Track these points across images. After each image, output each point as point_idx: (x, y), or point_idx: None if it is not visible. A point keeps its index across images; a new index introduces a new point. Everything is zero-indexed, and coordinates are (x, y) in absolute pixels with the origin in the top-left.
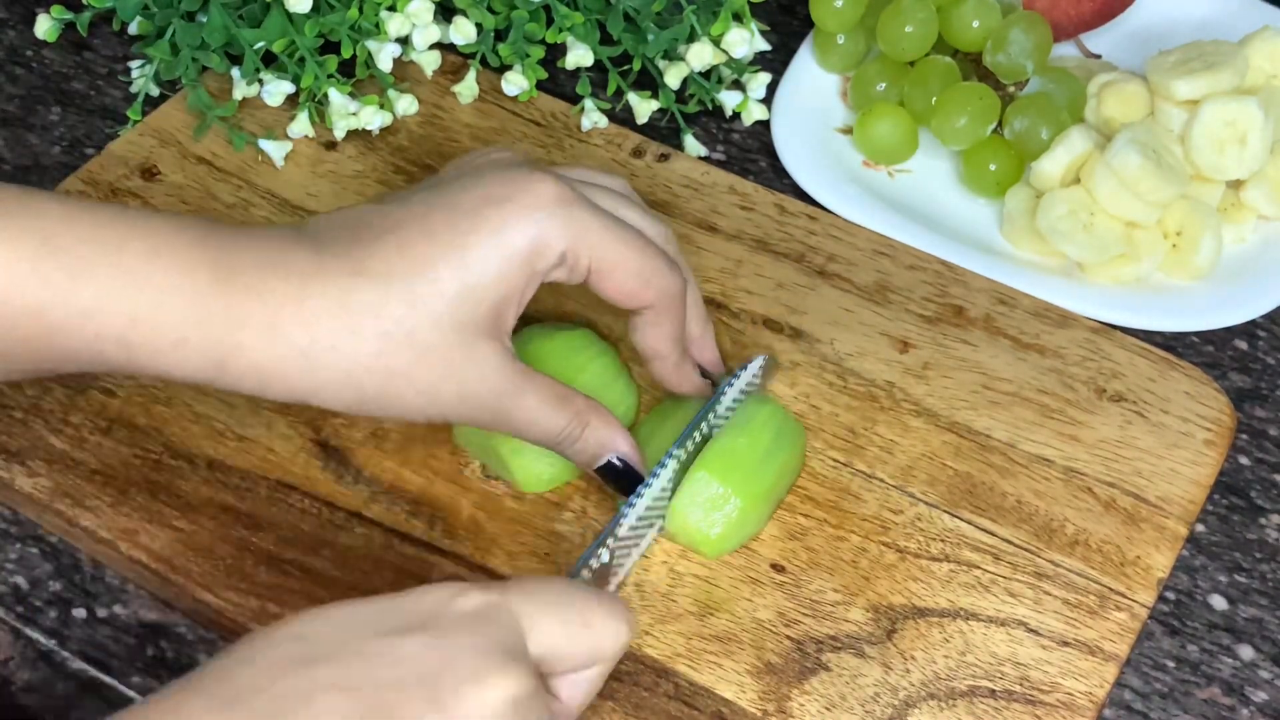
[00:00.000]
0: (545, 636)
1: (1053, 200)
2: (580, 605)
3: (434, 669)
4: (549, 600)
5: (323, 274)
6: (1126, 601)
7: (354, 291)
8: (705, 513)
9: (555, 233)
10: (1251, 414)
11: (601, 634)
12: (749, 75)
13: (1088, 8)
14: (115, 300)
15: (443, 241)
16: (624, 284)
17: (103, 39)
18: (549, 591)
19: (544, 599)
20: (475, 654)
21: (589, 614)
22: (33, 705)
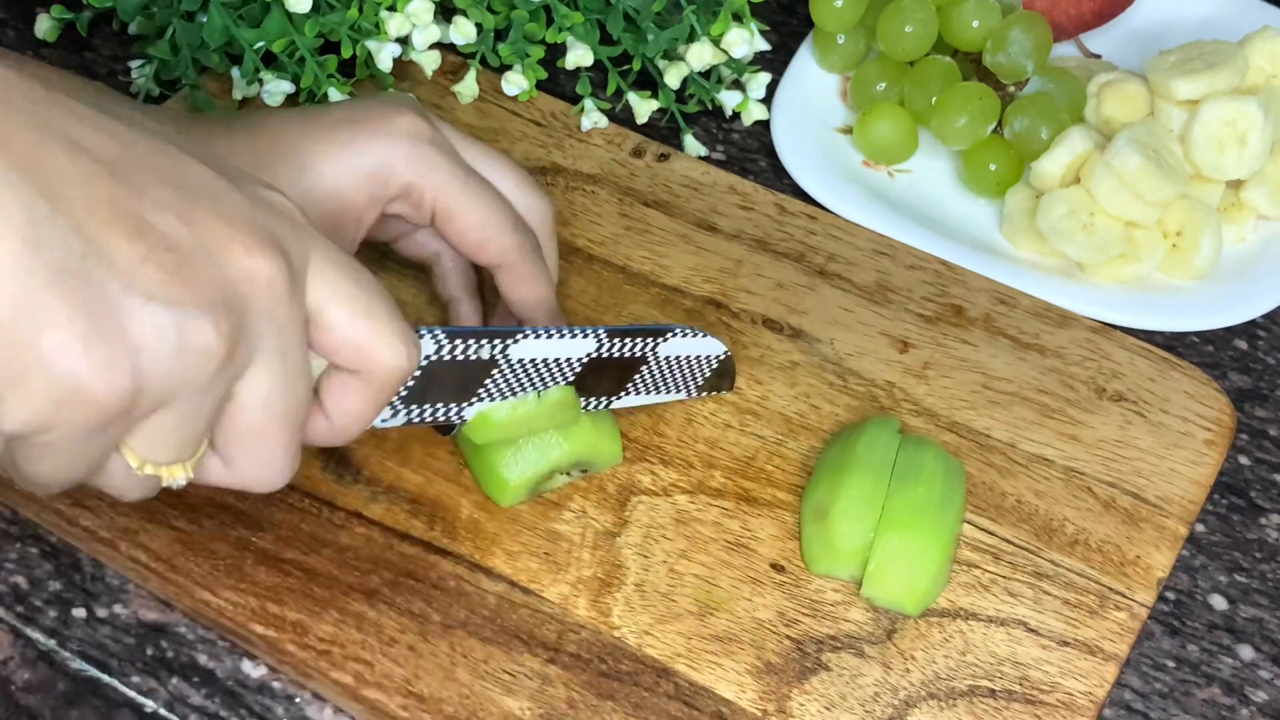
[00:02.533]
0: (324, 289)
1: (1053, 200)
2: (377, 297)
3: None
4: (348, 270)
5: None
6: (1126, 601)
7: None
8: (905, 573)
9: (401, 162)
10: (1251, 414)
11: (377, 335)
12: (749, 75)
13: (1088, 8)
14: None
15: (290, 145)
16: (467, 233)
17: (103, 39)
18: (354, 267)
19: (347, 267)
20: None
21: (379, 309)
22: (33, 705)
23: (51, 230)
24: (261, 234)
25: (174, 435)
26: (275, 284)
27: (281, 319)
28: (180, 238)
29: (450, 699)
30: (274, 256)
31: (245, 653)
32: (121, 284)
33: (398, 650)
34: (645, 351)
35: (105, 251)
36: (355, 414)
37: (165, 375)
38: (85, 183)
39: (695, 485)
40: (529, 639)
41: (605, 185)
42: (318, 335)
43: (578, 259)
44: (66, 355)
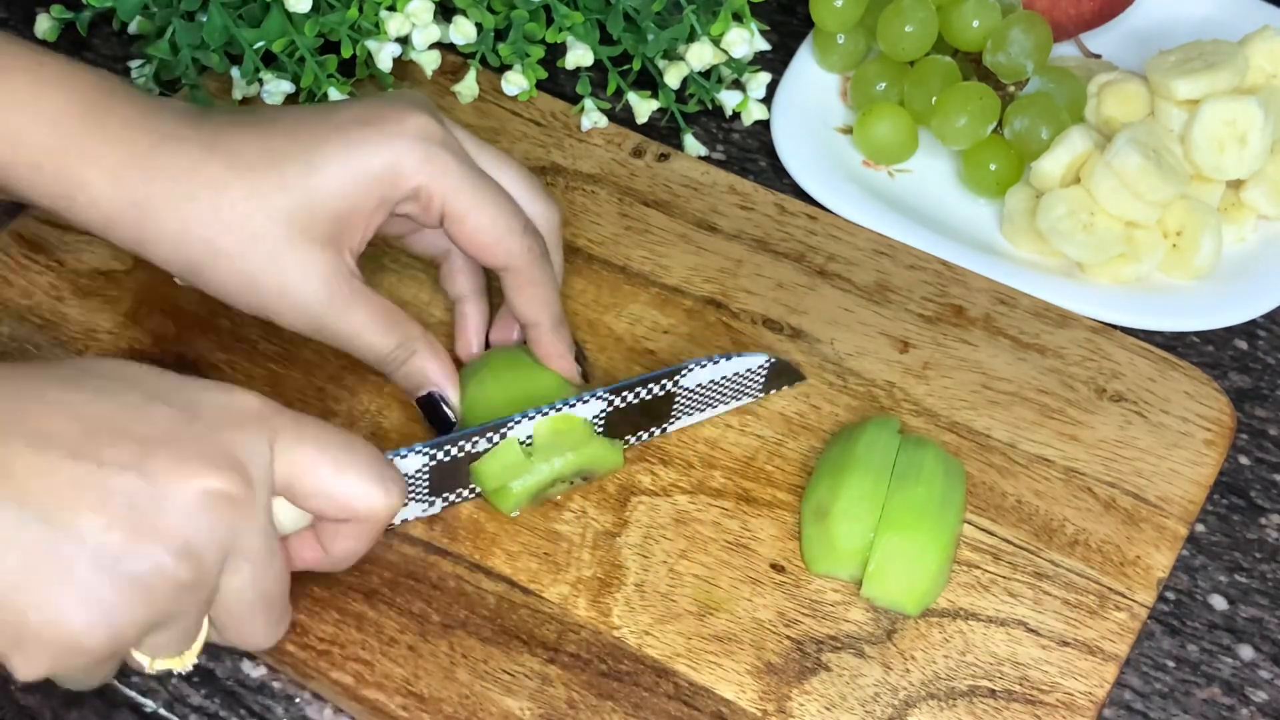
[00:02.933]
0: (294, 464)
1: (1053, 200)
2: (345, 453)
3: (159, 438)
4: (315, 434)
5: (181, 141)
6: (1126, 601)
7: (203, 164)
8: (905, 573)
9: (411, 164)
10: (1251, 414)
11: (354, 487)
12: (749, 75)
13: (1088, 8)
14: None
15: (301, 144)
16: (476, 235)
17: (103, 39)
18: (321, 428)
19: (312, 432)
20: (203, 445)
21: (349, 464)
22: (33, 705)
23: (22, 527)
24: (216, 460)
25: (172, 643)
26: (234, 500)
27: (244, 527)
28: (138, 493)
29: (450, 699)
30: (225, 476)
31: (245, 653)
32: (91, 554)
33: (398, 650)
34: (667, 389)
35: (72, 529)
36: (352, 551)
37: (143, 615)
38: (49, 472)
39: (695, 485)
40: (529, 639)
41: (605, 185)
42: (301, 502)
43: (578, 259)
44: (55, 625)
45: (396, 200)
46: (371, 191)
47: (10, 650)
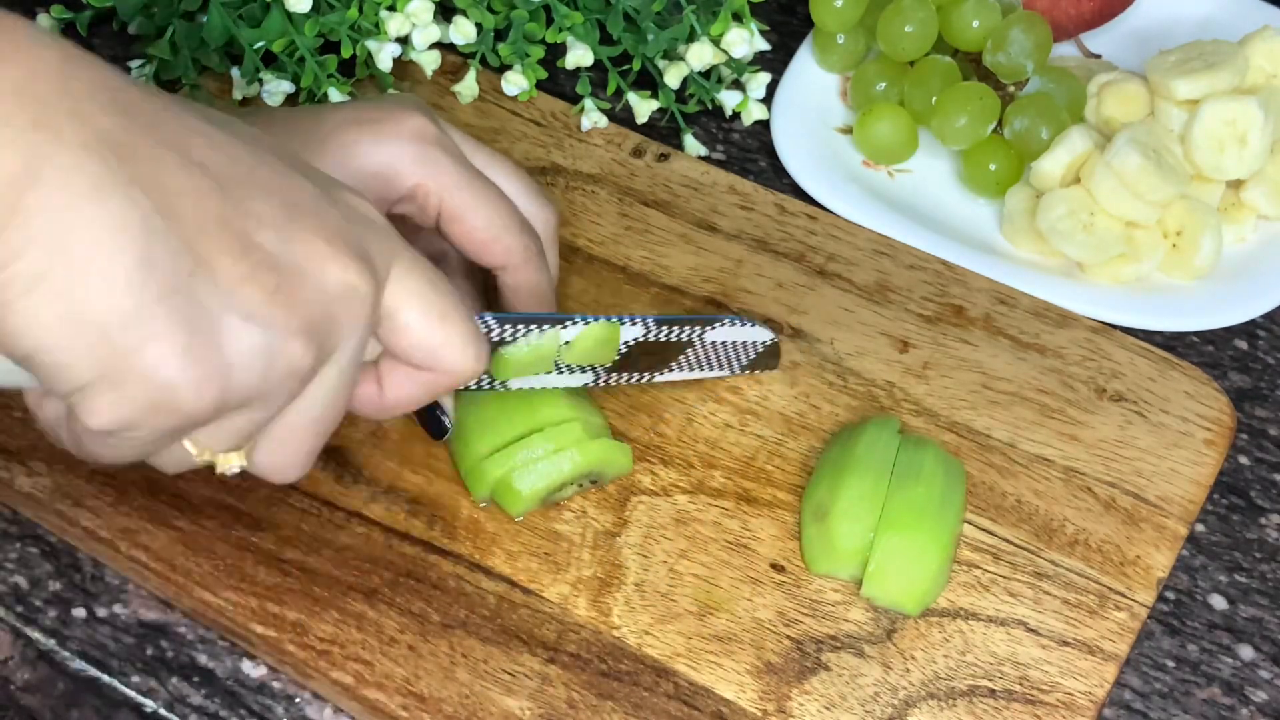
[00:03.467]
0: (404, 294)
1: (1053, 200)
2: (452, 302)
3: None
4: (430, 276)
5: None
6: (1126, 601)
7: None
8: (905, 573)
9: (408, 164)
10: (1251, 414)
11: (448, 340)
12: (749, 75)
13: (1088, 8)
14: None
15: (296, 147)
16: (472, 234)
17: (103, 39)
18: (436, 274)
19: (426, 269)
20: (343, 232)
21: (453, 315)
22: (33, 705)
23: (165, 246)
24: (354, 249)
25: (241, 431)
26: (363, 299)
27: (353, 333)
28: (281, 256)
29: (450, 699)
30: (364, 271)
31: (245, 653)
32: (223, 302)
33: (398, 650)
34: (692, 337)
35: (211, 269)
36: (410, 400)
37: (251, 388)
38: (198, 200)
39: (695, 485)
40: (529, 639)
41: (605, 185)
42: (392, 336)
43: (578, 259)
44: (166, 366)
45: (394, 200)
46: (368, 191)
47: (100, 385)
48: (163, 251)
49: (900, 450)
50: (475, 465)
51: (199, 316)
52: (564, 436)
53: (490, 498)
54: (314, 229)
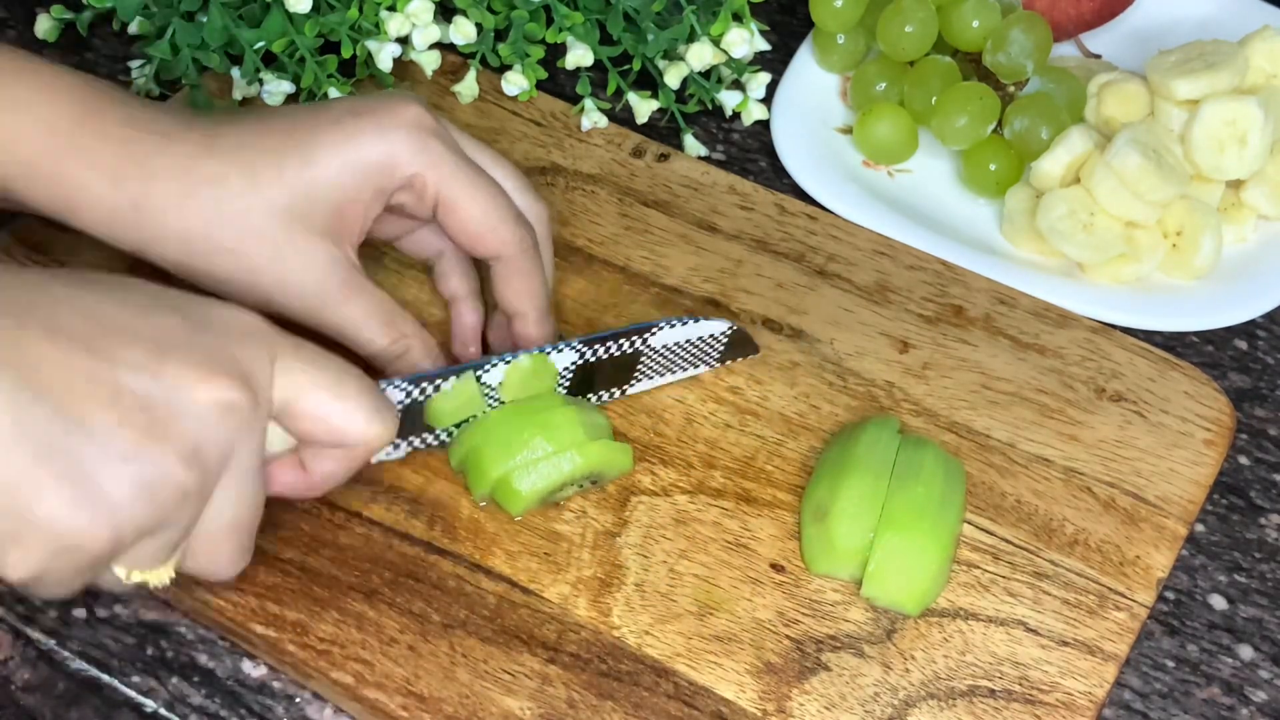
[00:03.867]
0: (293, 385)
1: (1053, 200)
2: (343, 379)
3: (173, 343)
4: (314, 357)
5: (178, 140)
6: (1126, 601)
7: (200, 160)
8: (905, 573)
9: (406, 153)
10: (1251, 414)
11: (350, 415)
12: (749, 75)
13: (1088, 8)
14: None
15: (298, 139)
16: (469, 224)
17: (103, 39)
18: (319, 353)
19: (310, 355)
20: (214, 354)
21: (347, 390)
22: (33, 705)
23: (35, 415)
24: (225, 368)
25: (159, 552)
26: (239, 412)
27: (244, 442)
28: (151, 394)
29: (450, 699)
30: (238, 386)
31: (245, 653)
32: (101, 450)
33: (398, 650)
34: (636, 347)
35: (84, 424)
36: (334, 477)
37: (147, 518)
38: (63, 364)
39: (695, 485)
40: (529, 639)
41: (605, 185)
42: (294, 424)
43: (578, 259)
44: (56, 520)
45: (392, 190)
46: (368, 181)
47: (6, 544)
48: (34, 419)
49: (900, 450)
50: (476, 465)
51: (78, 468)
52: (565, 437)
53: (490, 497)
54: (181, 360)
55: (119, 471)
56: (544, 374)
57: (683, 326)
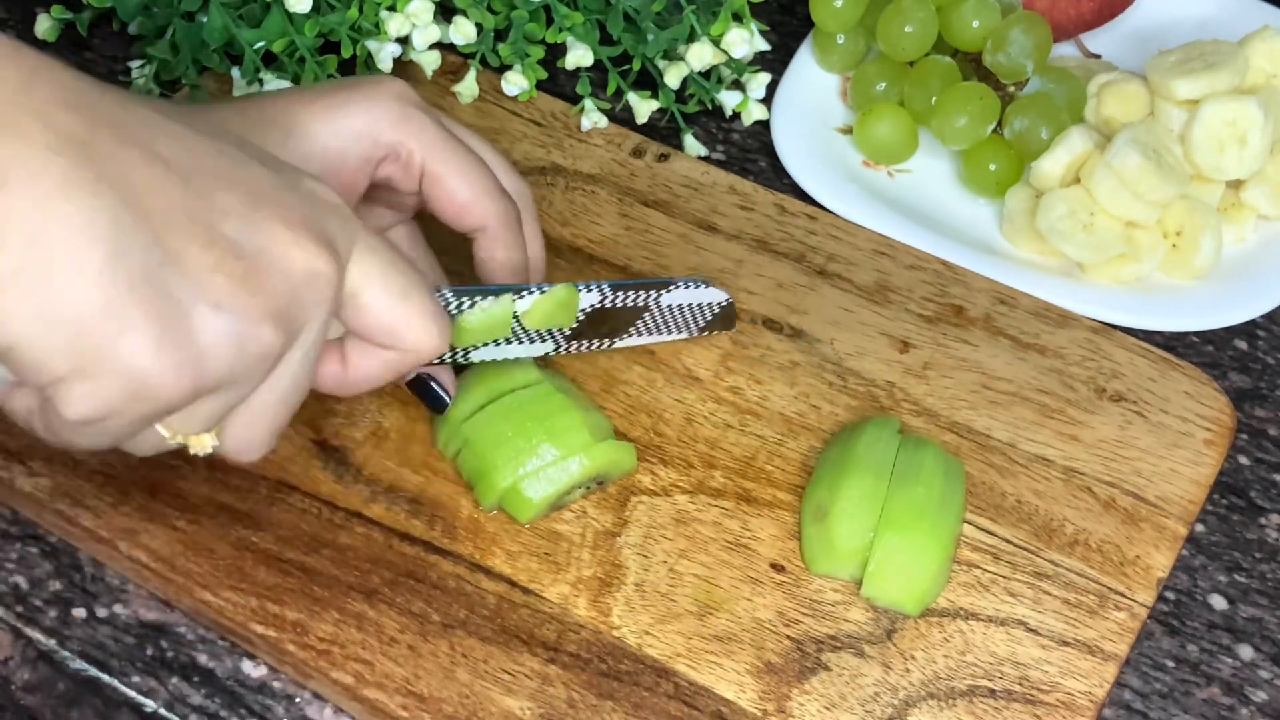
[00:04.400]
0: (363, 276)
1: (1053, 200)
2: (411, 283)
3: (268, 197)
4: (390, 257)
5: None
6: (1126, 601)
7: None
8: (905, 573)
9: (389, 123)
10: (1251, 414)
11: (409, 319)
12: (749, 75)
13: (1088, 8)
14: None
15: (278, 112)
16: (454, 194)
17: (103, 39)
18: (396, 255)
19: (386, 249)
20: (305, 217)
21: (414, 294)
22: (33, 705)
23: (134, 240)
24: (316, 233)
25: (214, 414)
26: (327, 281)
27: (324, 316)
28: (246, 244)
29: (450, 699)
30: (327, 255)
31: (245, 653)
32: (193, 292)
33: (398, 650)
34: (648, 301)
35: (180, 261)
36: (374, 378)
37: (224, 373)
38: (164, 193)
39: (695, 485)
40: (529, 639)
41: (605, 185)
42: (354, 316)
43: (578, 259)
44: (140, 357)
45: (377, 159)
46: (352, 150)
47: (76, 376)
48: (131, 245)
49: (900, 450)
50: (483, 477)
51: (170, 307)
52: (571, 441)
53: (499, 506)
54: (277, 216)
55: (210, 319)
56: (568, 309)
57: (693, 289)
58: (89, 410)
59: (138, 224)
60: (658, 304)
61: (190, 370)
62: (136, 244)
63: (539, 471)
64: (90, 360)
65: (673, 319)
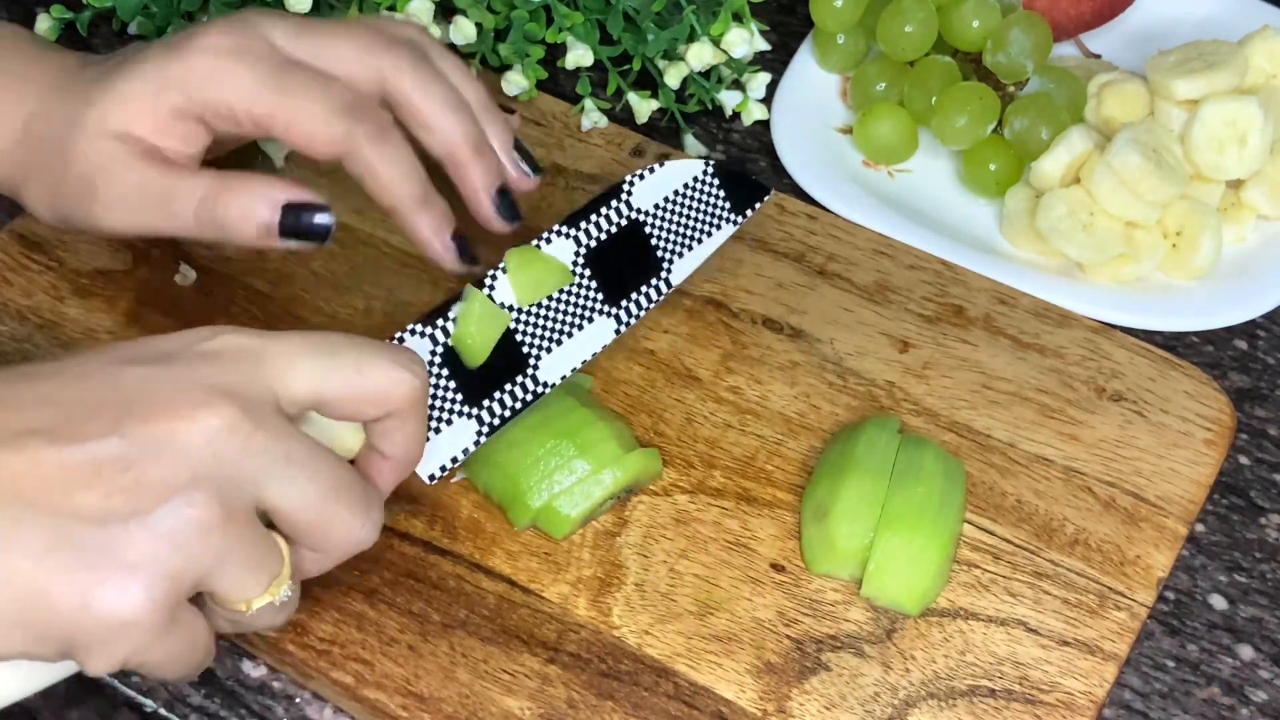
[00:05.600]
0: (309, 379)
1: (1053, 200)
2: (355, 353)
3: (135, 396)
4: (318, 346)
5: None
6: (1126, 601)
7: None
8: (905, 573)
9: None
10: (1251, 414)
11: (380, 380)
12: (749, 75)
13: (1088, 8)
14: None
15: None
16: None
17: (103, 39)
18: (320, 339)
19: (313, 344)
20: (181, 387)
21: (364, 362)
22: (33, 705)
23: (24, 528)
24: (197, 398)
25: (245, 579)
26: (233, 427)
27: (261, 445)
28: (129, 453)
29: (450, 699)
30: (218, 407)
31: (245, 653)
32: (99, 527)
33: (398, 650)
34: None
35: (74, 511)
36: (413, 440)
37: (185, 563)
38: (35, 467)
39: (695, 485)
40: (529, 639)
41: (605, 185)
42: (335, 410)
43: None
44: (97, 615)
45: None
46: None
47: (77, 652)
48: (26, 531)
49: (900, 450)
50: (517, 498)
51: (86, 554)
52: (602, 455)
53: (534, 525)
54: (147, 411)
55: (128, 534)
56: (551, 270)
57: (655, 173)
58: (108, 665)
59: (20, 513)
60: (636, 210)
61: (147, 590)
62: (28, 528)
63: (573, 488)
64: (70, 637)
65: (688, 215)
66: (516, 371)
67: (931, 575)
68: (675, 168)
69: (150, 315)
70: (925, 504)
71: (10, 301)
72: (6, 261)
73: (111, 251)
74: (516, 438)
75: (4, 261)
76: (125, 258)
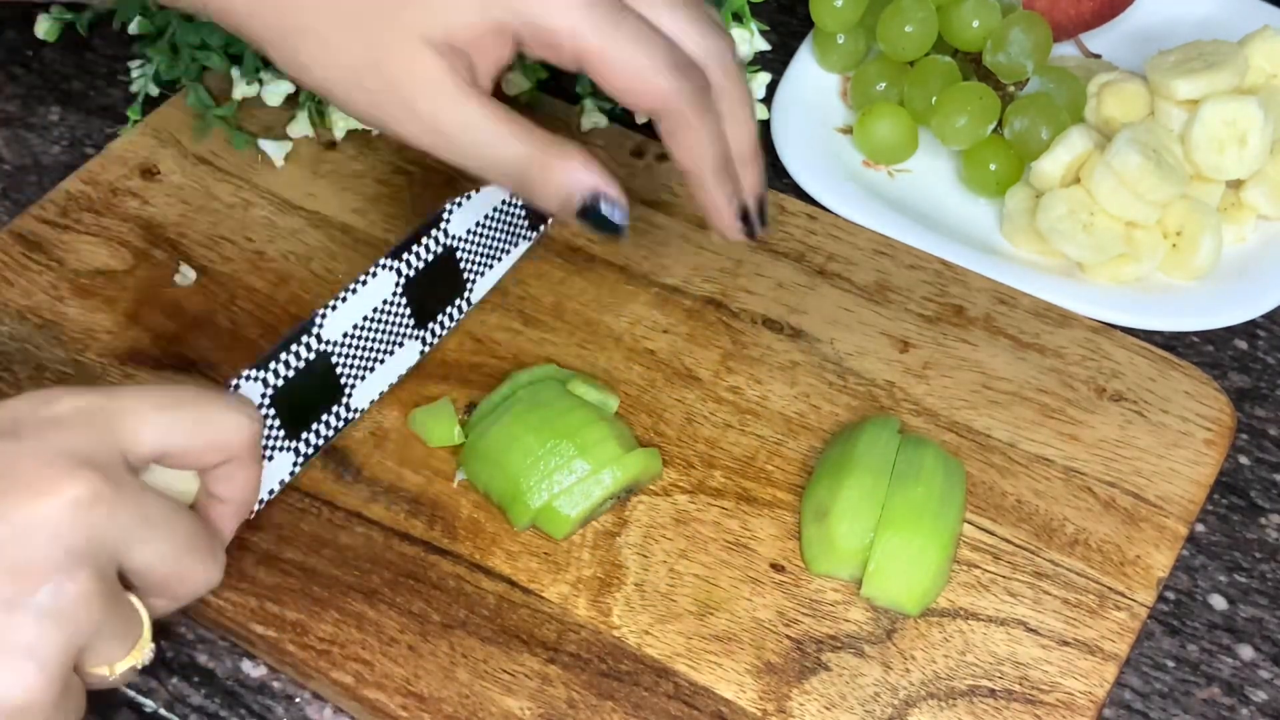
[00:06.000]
0: (155, 434)
1: (1053, 200)
2: (193, 403)
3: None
4: (158, 399)
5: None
6: (1126, 601)
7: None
8: (905, 573)
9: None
10: (1251, 414)
11: (221, 427)
12: (749, 75)
13: (1088, 8)
14: None
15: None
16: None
17: (103, 39)
18: (160, 392)
19: (154, 399)
20: (40, 459)
21: (203, 410)
22: None
23: None
24: (59, 468)
25: (114, 645)
26: (97, 495)
27: (122, 510)
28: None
29: (450, 699)
30: (79, 476)
31: (245, 653)
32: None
33: (398, 650)
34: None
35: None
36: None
37: (69, 637)
38: None
39: (695, 485)
40: (529, 639)
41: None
42: (178, 461)
43: (578, 259)
44: None
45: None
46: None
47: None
48: None
49: (900, 450)
50: (516, 499)
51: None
52: (602, 455)
53: (533, 525)
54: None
55: (20, 624)
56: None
57: (472, 199)
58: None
59: None
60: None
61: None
62: None
63: (573, 488)
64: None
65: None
66: (333, 402)
67: (931, 575)
68: (491, 193)
69: (150, 315)
70: (925, 504)
71: (10, 301)
72: (6, 261)
73: (111, 251)
74: (517, 437)
75: (4, 261)
76: (125, 258)
